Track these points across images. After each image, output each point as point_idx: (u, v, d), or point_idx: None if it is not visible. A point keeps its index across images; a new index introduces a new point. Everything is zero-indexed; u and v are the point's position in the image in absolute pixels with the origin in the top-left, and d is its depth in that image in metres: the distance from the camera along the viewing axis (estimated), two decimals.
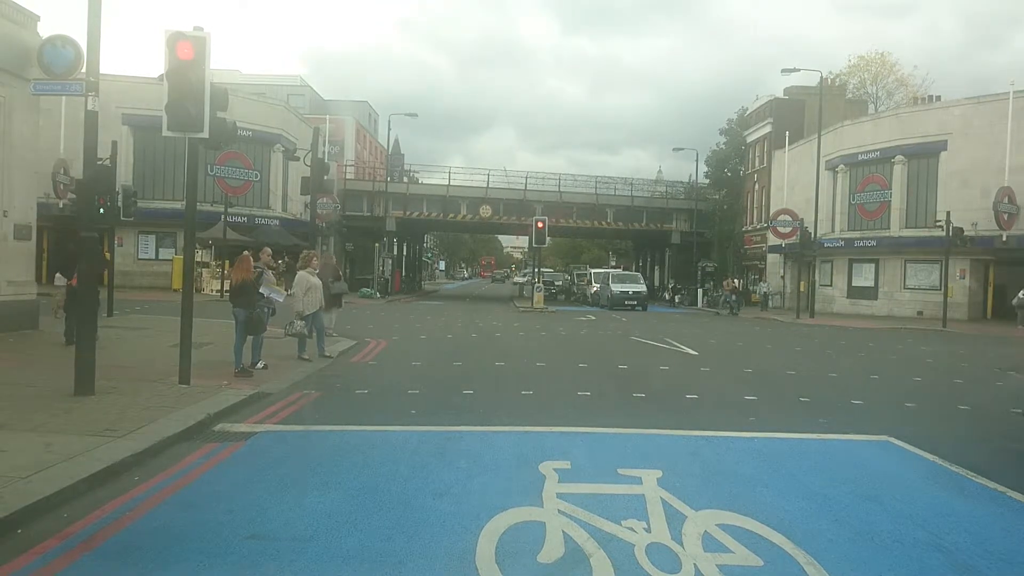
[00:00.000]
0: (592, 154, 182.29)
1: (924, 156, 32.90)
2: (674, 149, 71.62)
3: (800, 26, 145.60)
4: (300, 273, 12.31)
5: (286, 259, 35.06)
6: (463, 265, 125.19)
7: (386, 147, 54.21)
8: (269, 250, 10.90)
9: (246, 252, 10.71)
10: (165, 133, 8.33)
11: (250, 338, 10.30)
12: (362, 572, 3.86)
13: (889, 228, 34.05)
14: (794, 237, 33.23)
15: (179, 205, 29.09)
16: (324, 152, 33.43)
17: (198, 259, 28.79)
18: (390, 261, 50.16)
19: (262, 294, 10.47)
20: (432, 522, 4.54)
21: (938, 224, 27.71)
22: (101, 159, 11.77)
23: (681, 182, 57.36)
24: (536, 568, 3.91)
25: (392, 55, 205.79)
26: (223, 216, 29.92)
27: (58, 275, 14.69)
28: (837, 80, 49.03)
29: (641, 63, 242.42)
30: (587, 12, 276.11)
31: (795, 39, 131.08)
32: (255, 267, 10.57)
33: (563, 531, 4.37)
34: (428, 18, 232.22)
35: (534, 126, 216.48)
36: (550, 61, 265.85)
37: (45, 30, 13.90)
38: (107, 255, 18.21)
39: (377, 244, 48.50)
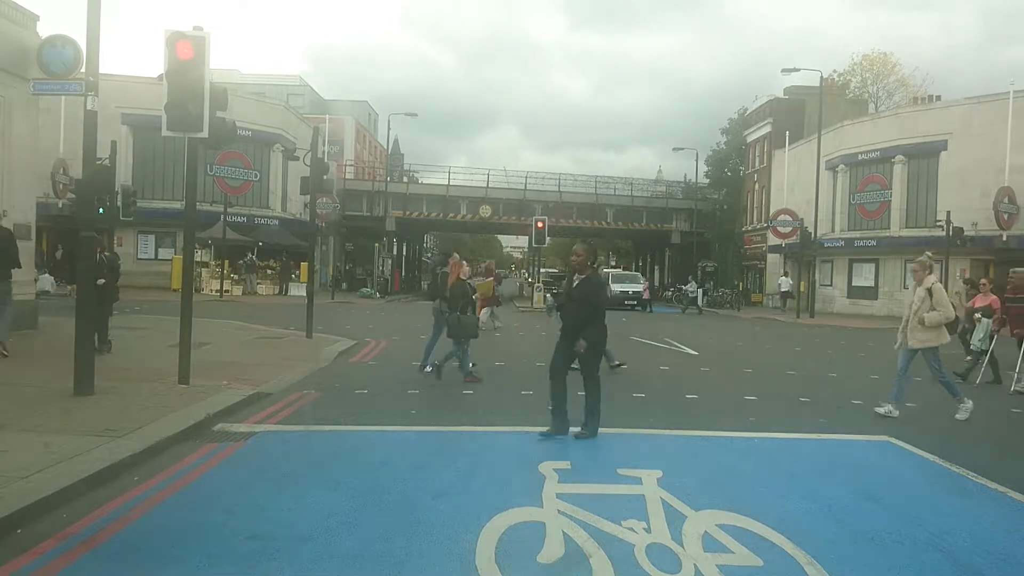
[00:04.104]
0: (597, 152, 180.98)
1: (924, 156, 32.92)
2: (674, 149, 71.94)
3: (814, 22, 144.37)
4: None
5: (283, 259, 35.21)
6: None
7: (386, 147, 54.23)
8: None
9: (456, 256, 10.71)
10: (165, 133, 8.32)
11: (447, 342, 10.23)
12: (362, 572, 3.86)
13: (889, 228, 34.06)
14: (794, 237, 33.25)
15: (179, 205, 29.08)
16: (324, 152, 33.41)
17: (197, 259, 28.78)
18: (390, 261, 50.18)
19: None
20: (432, 522, 4.53)
21: (938, 224, 27.74)
22: (100, 159, 11.79)
23: (680, 182, 57.41)
24: (536, 568, 3.91)
25: (395, 51, 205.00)
26: (223, 216, 29.94)
27: (45, 276, 14.49)
28: (839, 79, 49.10)
29: (650, 59, 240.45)
30: (596, 6, 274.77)
31: (809, 35, 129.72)
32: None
33: (563, 531, 4.36)
34: (432, 13, 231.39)
35: (538, 124, 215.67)
36: (556, 57, 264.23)
37: (45, 30, 13.88)
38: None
39: (377, 244, 48.52)
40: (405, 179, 52.88)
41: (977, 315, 13.03)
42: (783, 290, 35.16)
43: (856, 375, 12.68)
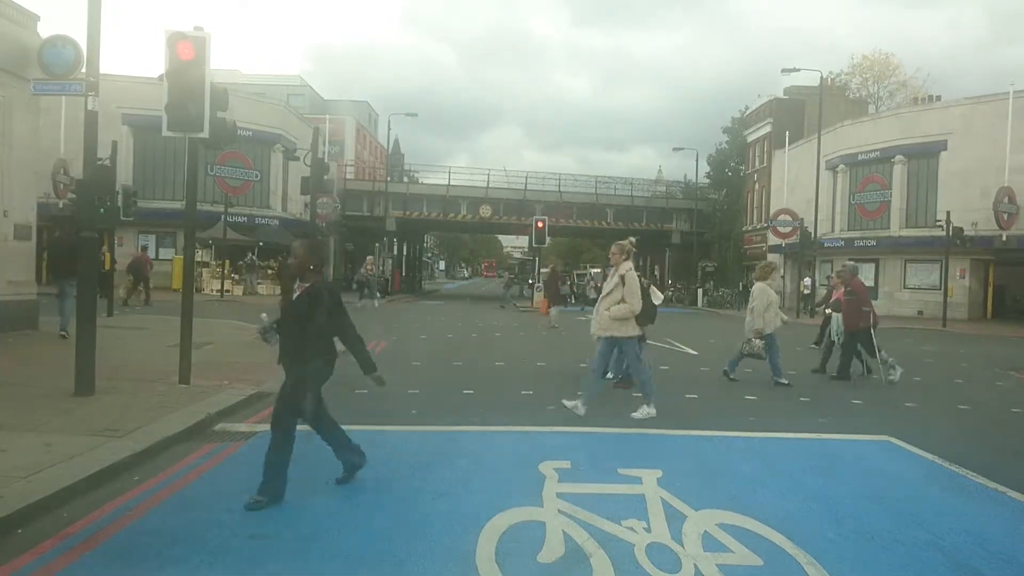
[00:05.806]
0: (599, 152, 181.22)
1: (924, 156, 32.92)
2: (674, 149, 71.86)
3: (816, 21, 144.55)
4: (758, 285, 11.23)
5: (280, 258, 35.20)
6: (463, 265, 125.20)
7: (386, 147, 54.25)
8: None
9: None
10: (165, 133, 8.32)
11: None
12: (362, 572, 3.86)
13: (889, 228, 34.06)
14: (794, 237, 33.24)
15: (179, 205, 29.07)
16: (324, 152, 33.44)
17: (198, 259, 28.80)
18: (390, 261, 50.17)
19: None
20: (432, 522, 4.54)
21: (938, 224, 27.73)
22: (101, 159, 11.77)
23: (680, 182, 57.40)
24: (536, 568, 3.91)
25: (395, 51, 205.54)
26: (223, 216, 29.93)
27: None
28: (840, 79, 49.12)
29: (652, 58, 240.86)
30: (597, 5, 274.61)
31: (811, 34, 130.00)
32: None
33: (563, 531, 4.37)
34: (433, 12, 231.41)
35: (540, 123, 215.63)
36: (558, 56, 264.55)
37: (45, 30, 13.89)
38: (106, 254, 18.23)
39: (377, 244, 48.53)
40: (405, 179, 52.87)
41: (828, 310, 13.37)
42: (807, 293, 35.16)
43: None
